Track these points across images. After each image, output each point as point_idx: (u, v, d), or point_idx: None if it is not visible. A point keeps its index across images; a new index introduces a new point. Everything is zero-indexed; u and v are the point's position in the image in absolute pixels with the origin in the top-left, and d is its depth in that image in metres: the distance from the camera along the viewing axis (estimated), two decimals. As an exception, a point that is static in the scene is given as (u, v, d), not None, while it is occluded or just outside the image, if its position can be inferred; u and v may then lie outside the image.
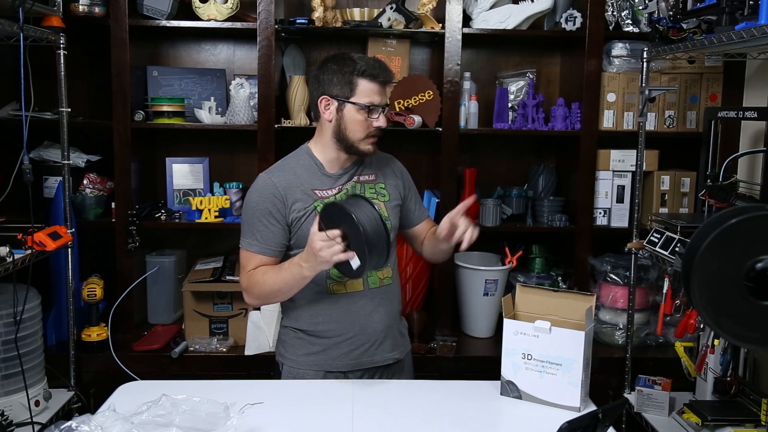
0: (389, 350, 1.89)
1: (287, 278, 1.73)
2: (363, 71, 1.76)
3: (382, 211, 1.84)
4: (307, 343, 1.87)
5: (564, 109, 2.66)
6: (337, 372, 1.86)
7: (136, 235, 2.56)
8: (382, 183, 1.92)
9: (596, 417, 1.30)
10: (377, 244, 1.56)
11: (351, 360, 1.85)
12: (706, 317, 1.27)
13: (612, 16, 2.63)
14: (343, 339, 1.84)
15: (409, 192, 1.98)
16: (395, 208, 1.92)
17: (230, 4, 2.54)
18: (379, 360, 1.87)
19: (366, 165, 1.92)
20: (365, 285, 1.84)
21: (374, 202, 1.78)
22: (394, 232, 1.92)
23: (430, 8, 2.52)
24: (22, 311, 2.02)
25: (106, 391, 1.75)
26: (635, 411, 2.22)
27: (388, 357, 1.89)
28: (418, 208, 2.00)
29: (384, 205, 1.88)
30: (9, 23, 1.89)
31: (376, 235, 1.55)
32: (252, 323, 2.48)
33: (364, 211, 1.56)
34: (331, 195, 1.84)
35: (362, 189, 1.87)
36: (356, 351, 1.85)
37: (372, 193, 1.88)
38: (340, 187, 1.86)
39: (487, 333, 2.71)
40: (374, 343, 1.86)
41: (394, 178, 1.95)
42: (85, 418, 1.30)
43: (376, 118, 1.79)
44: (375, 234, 1.55)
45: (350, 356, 1.85)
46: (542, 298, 1.77)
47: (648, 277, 2.52)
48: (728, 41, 1.76)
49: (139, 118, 2.57)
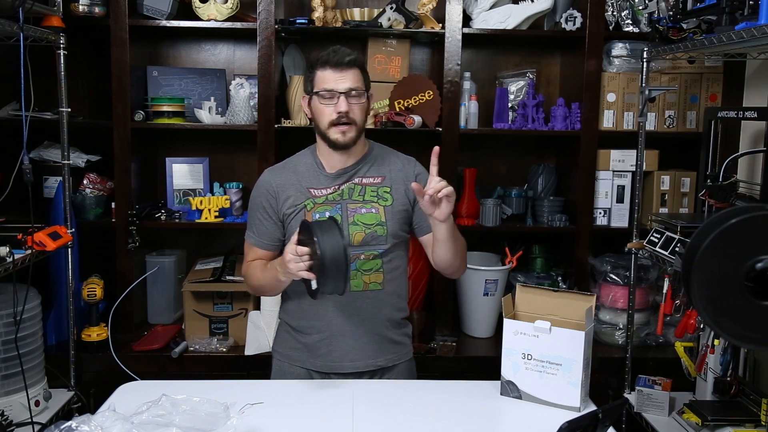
0: (372, 356, 1.86)
1: (267, 277, 1.80)
2: (317, 61, 1.80)
3: (379, 217, 1.82)
4: (293, 339, 1.91)
5: (564, 109, 2.66)
6: (316, 372, 1.87)
7: (136, 235, 2.56)
8: (388, 187, 1.87)
9: (596, 417, 1.30)
10: (333, 274, 1.56)
11: (330, 362, 1.85)
12: (706, 317, 1.27)
13: (612, 16, 2.63)
14: (321, 339, 1.85)
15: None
16: (398, 213, 1.86)
17: (230, 4, 2.54)
18: (361, 366, 1.85)
19: (373, 166, 1.89)
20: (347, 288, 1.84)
21: (370, 208, 1.80)
22: (398, 237, 1.86)
23: (430, 8, 2.52)
24: (22, 311, 2.02)
25: (106, 391, 1.75)
26: (635, 411, 2.22)
27: (370, 363, 1.86)
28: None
29: (384, 209, 1.84)
30: (9, 23, 1.88)
31: (334, 265, 1.55)
32: (252, 323, 2.48)
33: (330, 239, 1.56)
34: (325, 194, 1.85)
35: (362, 191, 1.86)
36: (335, 353, 1.85)
37: (372, 196, 1.85)
38: (336, 187, 1.85)
39: (487, 333, 2.71)
40: (352, 347, 1.84)
41: (405, 184, 1.87)
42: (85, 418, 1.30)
43: (335, 104, 1.77)
44: (333, 263, 1.55)
45: (329, 358, 1.85)
46: (542, 298, 1.77)
47: (648, 277, 2.52)
48: (728, 41, 1.76)
49: (139, 118, 2.57)
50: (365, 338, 1.85)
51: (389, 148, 1.98)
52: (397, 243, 1.87)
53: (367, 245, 1.82)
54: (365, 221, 1.82)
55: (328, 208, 1.83)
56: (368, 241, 1.82)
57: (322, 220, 1.71)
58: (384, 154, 1.94)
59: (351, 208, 1.83)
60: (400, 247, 1.90)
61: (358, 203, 1.84)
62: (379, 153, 1.93)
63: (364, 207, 1.83)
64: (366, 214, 1.82)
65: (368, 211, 1.82)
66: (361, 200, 1.85)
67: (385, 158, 1.92)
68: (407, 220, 1.89)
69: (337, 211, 1.83)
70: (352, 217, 1.82)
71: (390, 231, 1.84)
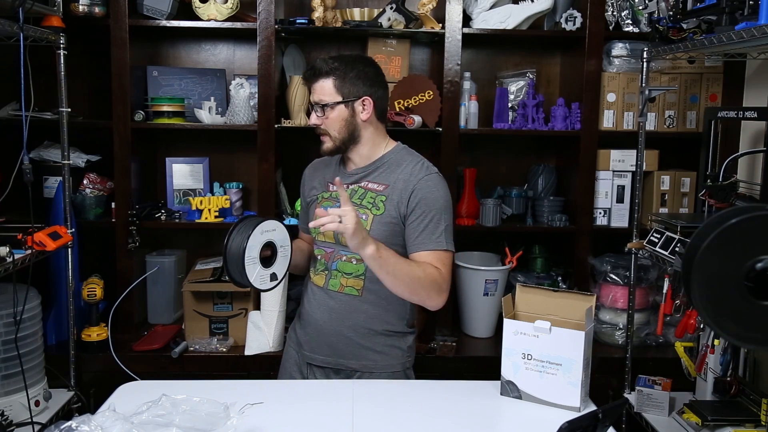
0: (343, 356, 1.88)
1: None
2: None
3: (365, 224, 1.81)
4: (297, 319, 2.01)
5: (564, 109, 2.66)
6: (306, 356, 1.93)
7: (136, 235, 2.56)
8: (384, 197, 1.85)
9: (596, 417, 1.30)
10: (228, 266, 1.73)
11: (308, 351, 1.92)
12: (706, 317, 1.27)
13: (612, 16, 2.63)
14: (306, 324, 1.93)
15: (413, 214, 1.81)
16: (386, 225, 1.82)
17: (230, 4, 2.54)
18: (332, 362, 1.89)
19: (382, 173, 1.88)
20: (325, 283, 1.89)
21: (362, 214, 1.82)
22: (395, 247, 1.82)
23: (430, 8, 2.52)
24: (22, 311, 2.02)
25: (106, 391, 1.75)
26: (635, 411, 2.22)
27: (341, 362, 1.88)
28: (419, 236, 1.80)
29: (372, 218, 1.83)
30: (9, 23, 1.88)
31: (231, 259, 1.72)
32: (252, 323, 2.48)
33: (237, 237, 1.71)
34: (335, 191, 1.88)
35: (363, 195, 1.87)
36: (311, 343, 1.91)
37: (368, 203, 1.85)
38: (347, 186, 1.88)
39: (487, 333, 2.71)
40: (324, 342, 1.89)
41: (401, 195, 1.82)
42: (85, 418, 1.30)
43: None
44: (230, 257, 1.72)
45: (308, 346, 1.92)
46: (542, 298, 1.77)
47: (648, 277, 2.52)
48: (728, 41, 1.76)
49: (139, 118, 2.57)
50: (335, 337, 1.89)
51: (415, 155, 1.92)
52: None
53: (349, 248, 1.76)
54: None
55: (330, 204, 1.88)
56: None
57: (251, 218, 1.77)
58: (402, 160, 1.89)
59: None
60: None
61: (356, 207, 1.83)
62: (397, 158, 1.90)
63: (358, 211, 1.82)
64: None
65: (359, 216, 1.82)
66: (359, 204, 1.85)
67: (399, 165, 1.88)
68: (397, 233, 1.84)
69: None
70: None
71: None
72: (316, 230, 1.86)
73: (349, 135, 1.85)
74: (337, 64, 1.83)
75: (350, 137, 1.86)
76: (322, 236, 1.91)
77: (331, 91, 1.82)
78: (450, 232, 1.84)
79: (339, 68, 1.83)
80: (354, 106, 1.84)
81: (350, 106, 1.84)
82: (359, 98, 1.84)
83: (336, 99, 1.82)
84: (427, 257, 1.80)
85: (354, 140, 1.87)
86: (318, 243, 1.95)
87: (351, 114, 1.84)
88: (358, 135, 1.87)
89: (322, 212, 1.67)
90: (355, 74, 1.84)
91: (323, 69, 1.83)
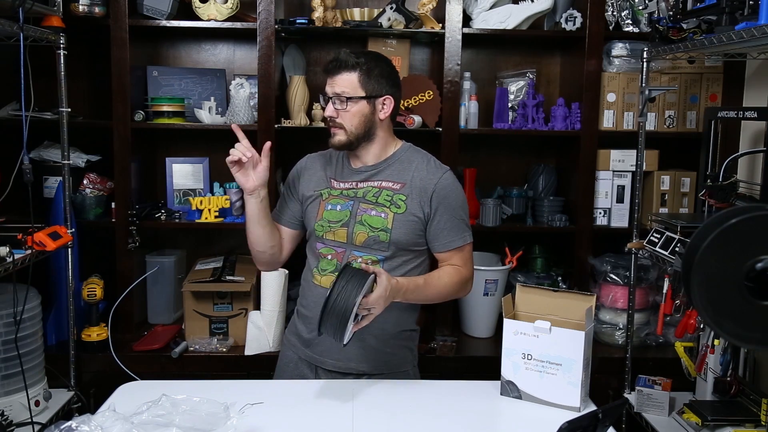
0: (354, 360, 1.85)
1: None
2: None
3: (385, 223, 1.80)
4: (296, 323, 1.96)
5: (564, 109, 2.66)
6: (306, 362, 1.90)
7: (136, 235, 2.56)
8: (403, 195, 1.83)
9: (596, 417, 1.30)
10: (327, 317, 1.54)
11: (316, 355, 1.88)
12: (706, 317, 1.27)
13: (612, 16, 2.63)
14: (310, 330, 1.87)
15: (437, 215, 1.82)
16: (407, 222, 1.81)
17: (230, 4, 2.54)
18: (342, 367, 1.85)
19: (396, 170, 1.87)
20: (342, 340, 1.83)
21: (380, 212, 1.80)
22: (403, 247, 1.82)
23: (430, 8, 2.52)
24: (22, 311, 2.02)
25: (106, 391, 1.75)
26: (635, 411, 2.22)
27: (352, 366, 1.85)
28: (444, 236, 1.83)
29: (393, 216, 1.81)
30: (9, 23, 1.88)
31: (334, 312, 1.53)
32: (252, 323, 2.48)
33: (348, 289, 1.54)
34: (342, 188, 1.87)
35: (378, 193, 1.83)
36: (319, 347, 1.87)
37: (386, 200, 1.83)
38: (355, 183, 1.87)
39: (487, 333, 2.71)
40: (335, 346, 1.78)
41: (421, 195, 1.82)
42: (85, 418, 1.30)
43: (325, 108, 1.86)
44: (335, 311, 1.53)
45: (315, 350, 1.88)
46: (542, 298, 1.77)
47: (648, 277, 2.52)
48: (728, 41, 1.76)
49: (139, 118, 2.57)
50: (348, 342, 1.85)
51: (422, 153, 1.93)
52: (402, 253, 1.83)
53: (369, 248, 1.81)
54: (371, 223, 1.81)
55: (340, 202, 1.85)
56: (370, 244, 1.81)
57: (359, 269, 1.60)
58: (412, 158, 1.89)
59: (362, 207, 1.83)
60: (407, 259, 1.85)
61: (371, 204, 1.82)
62: (407, 156, 1.89)
63: (375, 209, 1.81)
64: (374, 216, 1.81)
65: (377, 215, 1.81)
66: (374, 202, 1.83)
67: (411, 163, 1.87)
68: (419, 231, 1.83)
69: (347, 207, 1.83)
70: (360, 216, 1.82)
71: (393, 238, 1.80)
72: (323, 227, 1.85)
73: (365, 132, 1.84)
74: (363, 60, 1.82)
75: (365, 134, 1.84)
76: (331, 234, 1.84)
77: (355, 86, 1.80)
78: (468, 223, 1.89)
79: (365, 64, 1.81)
80: (375, 104, 1.83)
81: (372, 103, 1.83)
82: (381, 96, 1.83)
83: (359, 94, 1.81)
84: (452, 255, 1.86)
85: (368, 137, 1.85)
86: (325, 241, 1.86)
87: (371, 111, 1.83)
88: (373, 133, 1.85)
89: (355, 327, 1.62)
90: (379, 72, 1.83)
91: (349, 62, 1.80)
